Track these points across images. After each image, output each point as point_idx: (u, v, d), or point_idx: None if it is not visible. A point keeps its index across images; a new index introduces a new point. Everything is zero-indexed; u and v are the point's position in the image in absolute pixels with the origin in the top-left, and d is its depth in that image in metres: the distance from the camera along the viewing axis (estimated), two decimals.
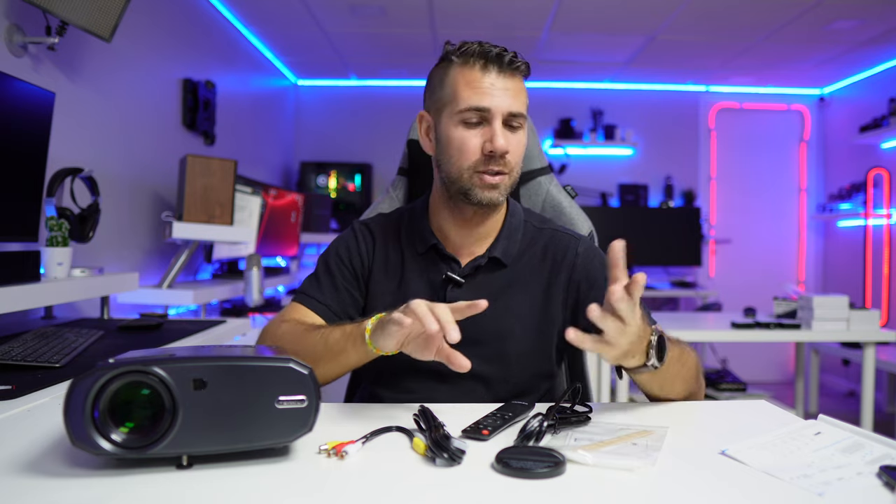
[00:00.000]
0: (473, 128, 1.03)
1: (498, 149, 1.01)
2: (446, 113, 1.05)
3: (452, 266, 1.12)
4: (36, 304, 1.64)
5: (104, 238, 2.26)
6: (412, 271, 1.13)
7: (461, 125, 1.04)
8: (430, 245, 1.12)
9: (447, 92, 1.05)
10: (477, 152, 1.03)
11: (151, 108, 2.71)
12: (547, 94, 5.01)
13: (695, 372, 1.01)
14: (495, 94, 1.02)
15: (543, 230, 1.18)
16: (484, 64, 1.02)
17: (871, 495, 0.64)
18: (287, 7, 3.43)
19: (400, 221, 1.19)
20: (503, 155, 1.03)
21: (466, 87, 1.03)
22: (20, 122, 1.64)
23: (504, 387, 1.10)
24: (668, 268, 4.97)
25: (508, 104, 1.03)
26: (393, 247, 1.16)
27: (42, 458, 0.71)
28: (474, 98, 1.02)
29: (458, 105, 1.03)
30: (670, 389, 0.99)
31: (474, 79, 1.03)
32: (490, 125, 1.02)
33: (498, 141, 1.01)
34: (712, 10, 3.41)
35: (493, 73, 1.03)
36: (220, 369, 0.68)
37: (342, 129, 4.96)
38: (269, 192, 3.39)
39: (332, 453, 0.72)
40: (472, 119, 1.03)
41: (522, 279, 1.12)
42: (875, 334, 2.80)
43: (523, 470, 0.67)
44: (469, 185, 1.05)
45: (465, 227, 1.11)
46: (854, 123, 4.55)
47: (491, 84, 1.02)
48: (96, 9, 1.97)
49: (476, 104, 1.02)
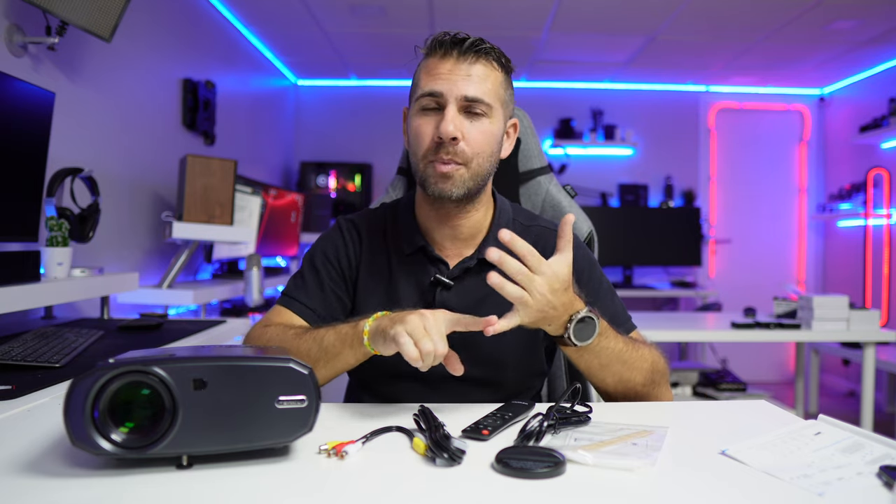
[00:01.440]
0: (429, 114, 1.01)
1: (444, 133, 0.97)
2: (412, 103, 1.05)
3: (440, 268, 1.09)
4: (36, 304, 1.64)
5: (104, 238, 2.26)
6: (399, 273, 1.11)
7: (419, 113, 1.02)
8: (417, 247, 1.10)
9: (414, 82, 1.05)
10: (429, 139, 1.00)
11: (151, 108, 2.71)
12: (547, 94, 5.01)
13: (643, 376, 1.01)
14: (451, 79, 0.99)
15: (531, 228, 1.16)
16: (444, 51, 1.01)
17: (871, 495, 0.64)
18: (287, 7, 3.43)
19: (384, 219, 1.16)
20: (453, 141, 0.98)
21: (426, 74, 1.01)
22: (20, 122, 1.64)
23: (497, 388, 1.09)
24: (668, 268, 4.98)
25: (464, 88, 0.98)
26: (378, 246, 1.14)
27: (42, 458, 0.71)
28: (430, 83, 1.00)
29: (417, 92, 1.02)
30: (599, 380, 1.00)
31: (433, 65, 1.01)
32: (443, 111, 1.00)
33: (445, 126, 0.97)
34: (712, 10, 3.41)
35: (453, 58, 1.00)
36: (220, 369, 0.68)
37: (342, 129, 4.96)
38: (269, 192, 3.39)
39: (332, 453, 0.72)
40: (430, 105, 1.00)
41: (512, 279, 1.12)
42: (875, 334, 2.80)
43: (523, 470, 0.67)
44: (424, 174, 1.02)
45: (445, 223, 1.09)
46: (854, 123, 4.55)
47: (448, 70, 0.99)
48: (96, 9, 1.97)
49: (430, 89, 0.99)
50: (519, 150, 1.40)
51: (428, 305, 1.07)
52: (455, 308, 1.06)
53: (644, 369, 1.01)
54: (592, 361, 0.97)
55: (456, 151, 0.99)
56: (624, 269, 4.86)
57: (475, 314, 1.07)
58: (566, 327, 0.92)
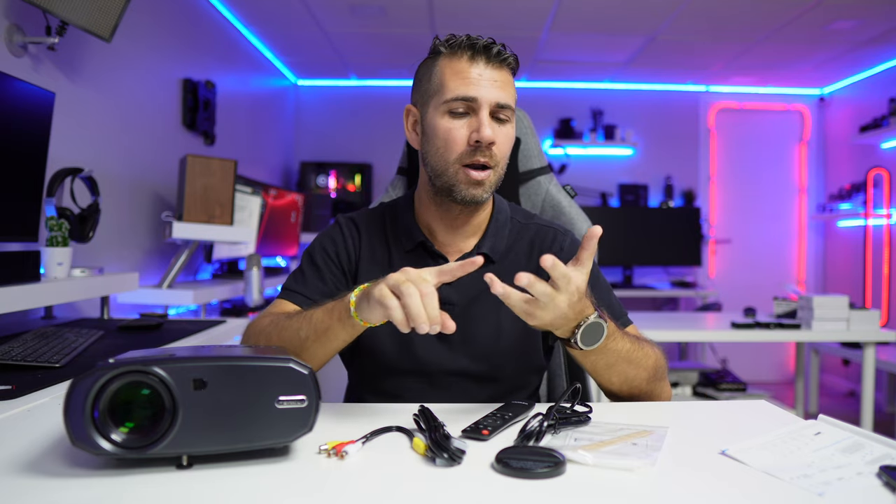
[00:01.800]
0: (460, 118, 1.02)
1: (485, 138, 0.99)
2: (433, 104, 1.04)
3: (440, 263, 1.10)
4: (36, 304, 1.64)
5: (104, 238, 2.26)
6: (399, 268, 1.11)
7: (447, 115, 1.02)
8: (417, 242, 1.11)
9: (434, 83, 1.04)
10: (463, 143, 1.01)
11: (151, 108, 2.71)
12: (547, 94, 5.01)
13: (647, 373, 1.01)
14: (483, 84, 1.01)
15: (529, 225, 1.17)
16: (472, 55, 1.01)
17: (871, 495, 0.64)
18: (287, 7, 3.43)
19: (384, 218, 1.18)
20: (490, 146, 1.01)
21: (454, 77, 1.01)
22: (20, 122, 1.64)
23: (495, 383, 1.10)
24: (668, 268, 4.98)
25: (496, 95, 1.01)
26: (379, 243, 1.15)
27: (42, 458, 0.71)
28: (462, 88, 1.01)
29: (445, 95, 1.02)
30: (605, 379, 1.00)
31: (462, 69, 1.01)
32: (477, 115, 1.01)
33: (485, 130, 0.99)
34: (712, 10, 3.41)
35: (481, 63, 1.01)
36: (220, 369, 0.68)
37: (342, 129, 4.96)
38: (269, 192, 3.39)
39: (332, 453, 0.72)
40: (459, 109, 1.02)
41: (510, 274, 1.11)
42: (875, 334, 2.80)
43: (523, 470, 0.67)
44: (454, 180, 1.03)
45: (452, 224, 1.10)
46: (854, 123, 4.55)
47: (479, 74, 1.01)
48: (96, 9, 1.97)
49: (464, 94, 1.00)
50: (519, 150, 1.40)
51: None
52: (455, 302, 1.07)
53: (648, 367, 1.01)
54: (599, 362, 0.97)
55: (491, 154, 1.02)
56: (624, 269, 4.86)
57: (474, 307, 1.08)
58: (573, 332, 0.91)
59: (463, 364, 1.08)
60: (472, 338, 1.08)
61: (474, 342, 1.08)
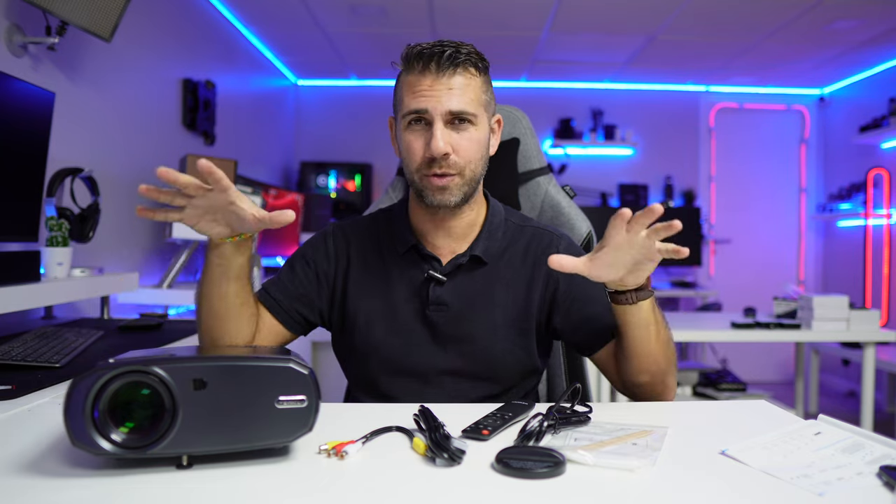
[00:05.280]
0: (417, 131, 1.03)
1: (436, 151, 1.00)
2: (399, 118, 1.07)
3: (433, 265, 1.11)
4: (36, 304, 1.64)
5: (104, 238, 2.26)
6: (393, 271, 1.13)
7: (408, 129, 1.04)
8: (410, 245, 1.12)
9: (397, 97, 1.07)
10: (420, 155, 1.03)
11: (151, 108, 2.71)
12: (547, 94, 5.01)
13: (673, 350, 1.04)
14: (433, 95, 1.01)
15: (525, 228, 1.17)
16: (422, 66, 1.02)
17: (871, 495, 0.64)
18: (287, 7, 3.43)
19: (378, 225, 1.19)
20: (445, 157, 1.01)
21: (408, 91, 1.03)
22: (20, 122, 1.64)
23: (489, 383, 1.10)
24: (668, 268, 4.97)
25: (447, 103, 1.00)
26: (372, 249, 1.16)
27: (42, 458, 0.71)
28: (413, 102, 1.02)
29: (402, 109, 1.04)
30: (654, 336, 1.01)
31: (413, 81, 1.03)
32: (431, 128, 1.02)
33: (436, 143, 1.00)
34: (712, 10, 3.41)
35: (432, 73, 1.01)
36: (220, 369, 0.68)
37: (342, 129, 4.96)
38: (269, 192, 3.39)
39: (332, 453, 0.72)
40: (416, 122, 1.03)
41: (504, 277, 1.13)
42: (875, 334, 2.80)
43: (523, 470, 0.67)
44: (421, 186, 1.05)
45: (440, 226, 1.11)
46: (854, 123, 4.54)
47: (429, 86, 1.01)
48: (96, 9, 1.97)
49: (415, 107, 1.02)
50: (518, 150, 1.40)
51: (422, 301, 1.10)
52: (449, 303, 1.07)
53: (672, 348, 1.04)
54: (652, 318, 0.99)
55: (449, 164, 1.03)
56: None
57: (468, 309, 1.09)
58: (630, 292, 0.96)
59: (457, 364, 1.09)
60: (466, 338, 1.09)
61: (470, 342, 1.09)
